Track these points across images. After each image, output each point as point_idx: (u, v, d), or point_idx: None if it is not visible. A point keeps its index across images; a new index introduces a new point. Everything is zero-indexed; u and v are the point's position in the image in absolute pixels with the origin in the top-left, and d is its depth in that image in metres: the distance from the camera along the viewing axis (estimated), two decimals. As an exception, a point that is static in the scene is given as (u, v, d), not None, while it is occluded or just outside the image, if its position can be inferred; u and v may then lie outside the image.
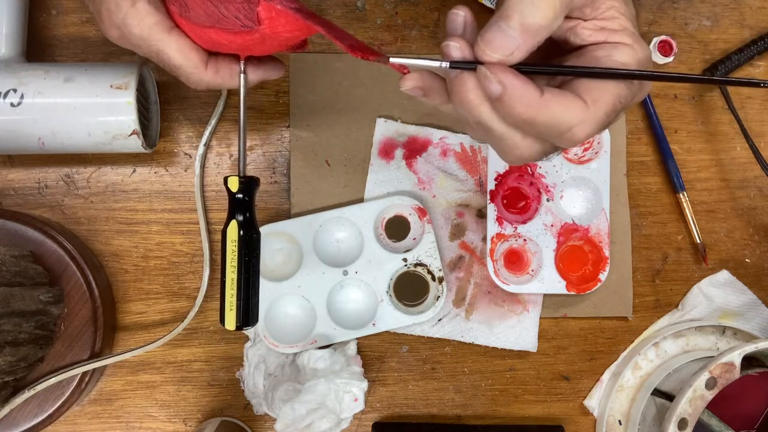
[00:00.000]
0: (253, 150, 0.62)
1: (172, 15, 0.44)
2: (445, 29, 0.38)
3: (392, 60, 0.38)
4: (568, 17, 0.38)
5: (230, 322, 0.45)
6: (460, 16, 0.38)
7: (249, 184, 0.46)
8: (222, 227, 0.45)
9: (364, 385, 0.57)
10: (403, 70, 0.39)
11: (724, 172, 0.65)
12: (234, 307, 0.45)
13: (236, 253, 0.45)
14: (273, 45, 0.43)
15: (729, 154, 0.66)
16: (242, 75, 0.46)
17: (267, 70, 0.48)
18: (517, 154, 0.38)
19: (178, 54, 0.44)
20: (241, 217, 0.45)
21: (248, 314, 0.46)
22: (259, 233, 0.46)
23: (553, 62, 0.40)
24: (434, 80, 0.39)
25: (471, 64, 0.36)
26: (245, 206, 0.45)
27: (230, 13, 0.41)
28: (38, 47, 0.60)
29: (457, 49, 0.36)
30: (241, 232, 0.45)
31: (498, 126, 0.37)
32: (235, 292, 0.45)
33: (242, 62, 0.46)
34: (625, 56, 0.37)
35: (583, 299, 0.63)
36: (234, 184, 0.45)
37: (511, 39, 0.35)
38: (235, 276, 0.45)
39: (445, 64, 0.36)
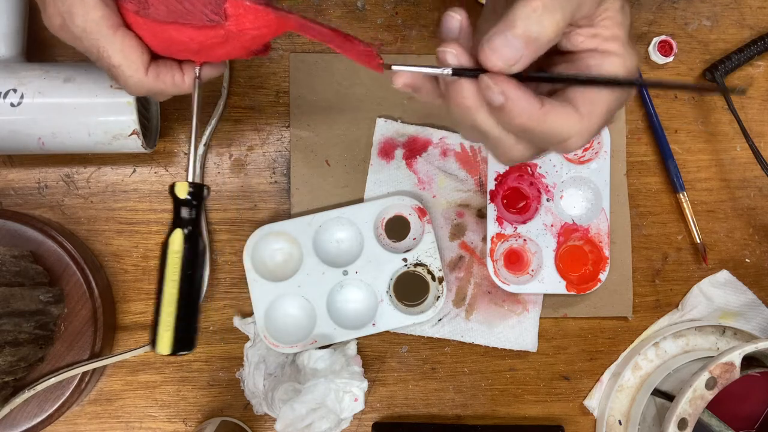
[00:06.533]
0: (253, 150, 0.62)
1: (125, 13, 0.42)
2: (440, 31, 0.39)
3: (394, 68, 0.37)
4: None
5: (163, 346, 0.40)
6: (456, 19, 0.38)
7: (198, 191, 0.42)
8: (164, 237, 0.42)
9: (364, 385, 0.57)
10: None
11: (724, 172, 0.65)
12: (170, 328, 0.40)
13: (179, 266, 0.40)
14: (235, 47, 0.42)
15: (729, 154, 0.66)
16: (197, 80, 0.44)
17: (212, 67, 0.46)
18: (510, 156, 0.39)
19: (119, 53, 0.42)
20: (186, 227, 0.41)
21: (187, 337, 0.41)
22: (205, 245, 0.43)
23: (542, 67, 0.40)
24: (426, 80, 0.39)
25: (472, 72, 0.36)
26: (192, 215, 0.42)
27: (196, 8, 0.40)
28: (38, 47, 0.60)
29: (453, 56, 0.36)
30: (186, 243, 0.41)
31: (494, 130, 0.38)
32: (173, 310, 0.40)
33: (198, 68, 0.44)
34: (614, 66, 0.38)
35: (583, 299, 0.63)
36: (182, 191, 0.42)
37: (515, 50, 0.35)
38: (175, 291, 0.40)
39: (448, 71, 0.36)
